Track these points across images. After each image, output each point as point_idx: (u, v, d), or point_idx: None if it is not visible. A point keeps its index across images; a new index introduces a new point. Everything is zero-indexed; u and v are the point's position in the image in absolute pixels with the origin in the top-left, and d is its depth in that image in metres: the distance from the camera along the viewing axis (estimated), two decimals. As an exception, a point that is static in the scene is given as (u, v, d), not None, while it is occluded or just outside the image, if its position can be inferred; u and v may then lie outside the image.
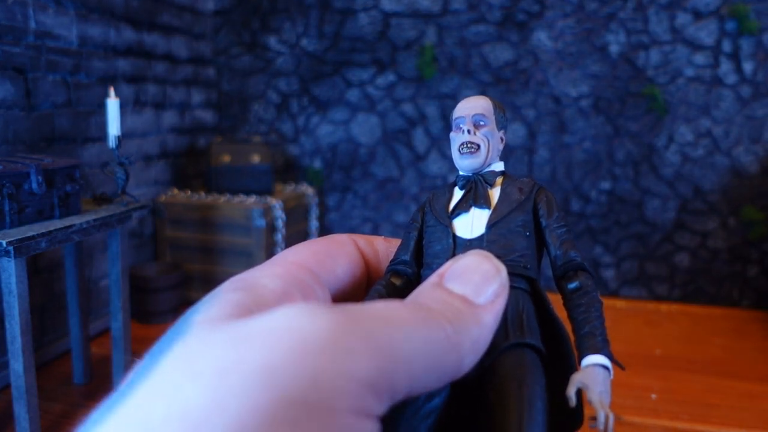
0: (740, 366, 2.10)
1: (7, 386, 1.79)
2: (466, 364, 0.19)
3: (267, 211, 2.49)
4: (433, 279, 0.21)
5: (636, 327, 2.45)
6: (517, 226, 0.24)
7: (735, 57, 2.52)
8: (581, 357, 0.21)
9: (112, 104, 1.76)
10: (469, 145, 0.26)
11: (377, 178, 2.96)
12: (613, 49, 2.62)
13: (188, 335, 0.17)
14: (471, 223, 0.24)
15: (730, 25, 2.50)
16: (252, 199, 2.56)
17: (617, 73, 2.64)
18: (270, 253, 2.53)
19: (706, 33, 2.53)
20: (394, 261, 0.26)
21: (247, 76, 3.07)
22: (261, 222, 2.46)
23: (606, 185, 2.73)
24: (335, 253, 0.24)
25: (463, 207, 0.25)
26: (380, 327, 0.17)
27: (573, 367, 0.22)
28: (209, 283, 2.57)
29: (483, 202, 0.25)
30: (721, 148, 2.59)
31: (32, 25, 1.92)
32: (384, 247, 0.27)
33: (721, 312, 2.63)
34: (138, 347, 2.09)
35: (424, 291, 0.21)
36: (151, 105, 2.59)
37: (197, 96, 2.97)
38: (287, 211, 2.63)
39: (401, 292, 0.24)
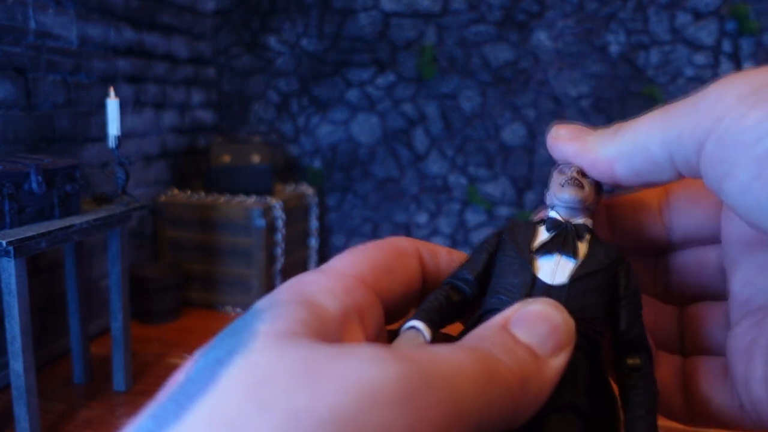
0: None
1: (7, 386, 1.79)
2: (520, 419, 0.19)
3: (267, 211, 2.49)
4: (498, 320, 0.20)
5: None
6: (599, 287, 0.23)
7: (735, 57, 2.52)
8: None
9: (112, 104, 1.76)
10: (575, 181, 0.25)
11: (377, 178, 2.97)
12: (613, 49, 2.63)
13: (253, 350, 0.16)
14: (555, 269, 0.24)
15: (730, 25, 2.50)
16: (252, 199, 2.56)
17: (617, 73, 2.64)
18: (270, 253, 2.53)
19: (706, 33, 2.53)
20: (456, 276, 0.25)
21: (247, 76, 3.07)
22: (261, 222, 2.46)
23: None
24: (395, 268, 0.23)
25: (550, 248, 0.24)
26: (447, 384, 0.16)
27: None
28: (209, 283, 2.57)
29: (571, 252, 0.24)
30: (721, 148, 2.59)
31: (32, 25, 1.92)
32: (446, 259, 0.26)
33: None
34: (138, 347, 2.09)
35: (489, 334, 0.20)
36: (151, 105, 2.59)
37: (197, 96, 2.97)
38: (287, 211, 2.63)
39: (457, 307, 0.24)
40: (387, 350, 0.17)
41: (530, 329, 0.20)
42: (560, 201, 0.25)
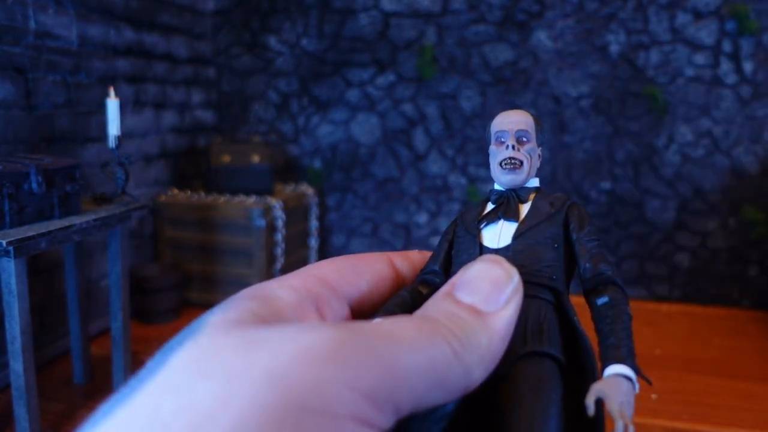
0: (740, 366, 2.10)
1: (7, 386, 1.79)
2: (475, 377, 0.19)
3: (267, 211, 2.49)
4: (444, 288, 0.21)
5: (636, 327, 2.42)
6: (546, 237, 0.24)
7: (735, 57, 2.52)
8: (604, 367, 0.21)
9: (112, 104, 1.76)
10: (512, 161, 0.25)
11: (377, 178, 2.96)
12: (613, 49, 2.62)
13: (201, 334, 0.17)
14: (498, 234, 0.24)
15: (730, 25, 2.50)
16: (252, 199, 2.56)
17: (617, 73, 2.64)
18: (270, 253, 2.53)
19: (706, 33, 2.53)
20: (424, 271, 0.26)
21: (247, 76, 3.07)
22: (261, 222, 2.46)
23: (606, 185, 2.73)
24: (361, 268, 0.24)
25: (491, 218, 0.25)
26: (383, 343, 0.17)
27: (595, 380, 0.21)
28: (209, 283, 2.57)
29: (512, 215, 0.25)
30: (721, 148, 2.59)
31: (32, 25, 1.92)
32: (419, 259, 0.27)
33: (721, 312, 2.63)
34: (138, 347, 2.09)
35: (433, 302, 0.21)
36: (151, 105, 2.59)
37: (197, 96, 2.97)
38: (287, 211, 2.63)
39: (426, 299, 0.24)
40: (325, 321, 0.17)
41: (472, 289, 0.20)
42: (500, 184, 0.26)
